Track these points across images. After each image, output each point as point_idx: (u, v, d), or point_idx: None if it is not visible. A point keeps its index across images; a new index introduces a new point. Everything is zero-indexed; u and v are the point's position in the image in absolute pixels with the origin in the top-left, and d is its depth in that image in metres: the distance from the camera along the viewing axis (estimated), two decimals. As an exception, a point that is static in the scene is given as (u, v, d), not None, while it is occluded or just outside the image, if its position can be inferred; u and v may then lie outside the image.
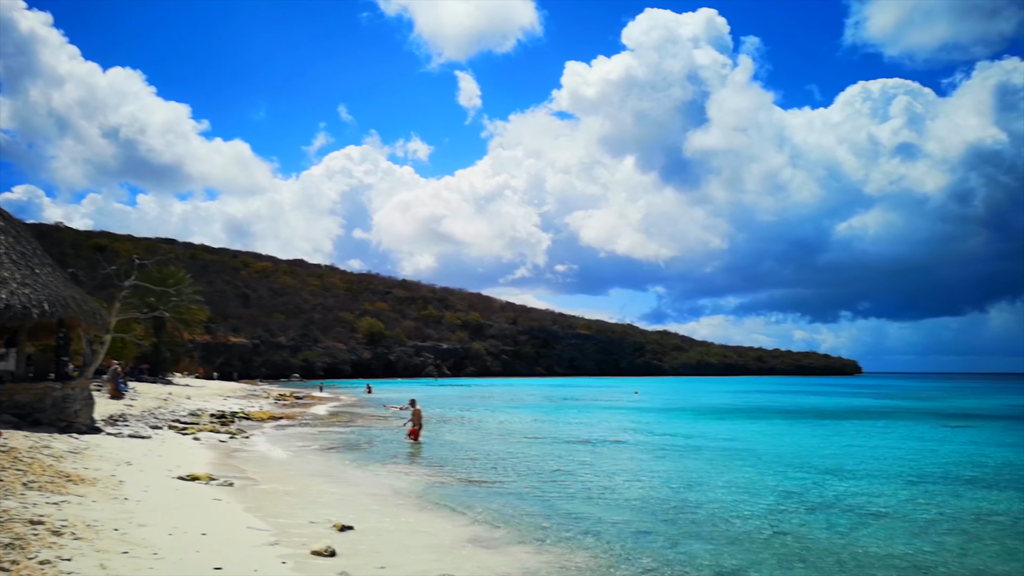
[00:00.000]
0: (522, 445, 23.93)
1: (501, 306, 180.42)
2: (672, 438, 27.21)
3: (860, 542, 10.93)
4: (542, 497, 14.28)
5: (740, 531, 11.54)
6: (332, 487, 14.73)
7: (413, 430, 23.51)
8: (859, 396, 73.02)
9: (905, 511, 13.46)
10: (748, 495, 14.93)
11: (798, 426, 34.45)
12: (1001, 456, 22.75)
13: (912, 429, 33.29)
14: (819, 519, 12.61)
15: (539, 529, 11.37)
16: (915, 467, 19.72)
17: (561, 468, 18.56)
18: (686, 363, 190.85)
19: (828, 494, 15.21)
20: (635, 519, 12.33)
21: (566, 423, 33.86)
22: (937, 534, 11.54)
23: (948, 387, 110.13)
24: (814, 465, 19.78)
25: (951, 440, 28.06)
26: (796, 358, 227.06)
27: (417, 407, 24.15)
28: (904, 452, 23.57)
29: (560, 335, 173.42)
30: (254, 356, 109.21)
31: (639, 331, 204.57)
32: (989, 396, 75.25)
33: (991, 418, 41.61)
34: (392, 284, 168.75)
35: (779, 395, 73.55)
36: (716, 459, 20.96)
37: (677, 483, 16.47)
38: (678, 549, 10.30)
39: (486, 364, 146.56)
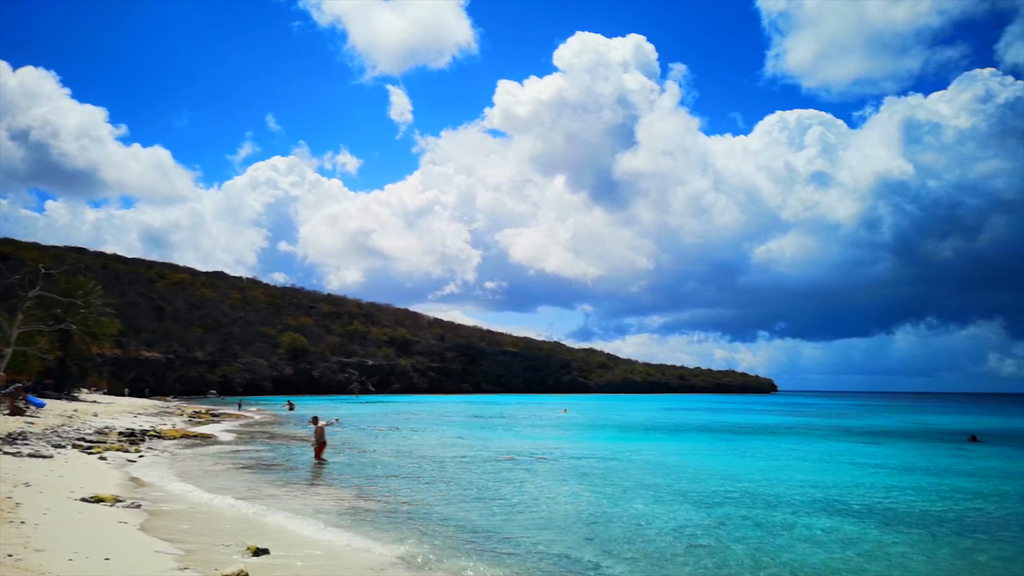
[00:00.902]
0: (447, 464, 23.76)
1: (429, 322, 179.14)
2: (596, 455, 27.54)
3: (773, 553, 11.31)
4: (466, 517, 14.21)
5: (658, 547, 11.77)
6: (247, 508, 14.27)
7: (319, 447, 22.92)
8: (774, 414, 75.74)
9: (815, 522, 14.01)
10: (667, 510, 15.25)
11: (716, 442, 35.44)
12: (902, 469, 24.00)
13: (823, 445, 34.76)
14: (734, 532, 13.00)
15: (463, 550, 11.30)
16: (825, 481, 20.57)
17: (486, 486, 18.52)
18: (611, 381, 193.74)
19: (744, 508, 15.68)
20: (557, 537, 12.41)
21: (492, 441, 33.82)
22: (844, 544, 12.07)
23: (856, 405, 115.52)
24: (731, 480, 20.39)
25: (859, 455, 29.43)
26: (716, 376, 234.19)
27: (320, 424, 23.56)
28: (814, 466, 24.57)
29: (488, 352, 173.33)
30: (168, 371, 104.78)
31: (566, 349, 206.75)
32: (893, 414, 79.39)
33: (895, 435, 43.90)
34: (317, 298, 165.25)
35: (699, 413, 75.51)
36: (637, 476, 21.32)
37: (599, 500, 16.66)
38: (600, 564, 10.43)
39: (412, 381, 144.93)
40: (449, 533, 12.47)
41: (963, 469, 24.88)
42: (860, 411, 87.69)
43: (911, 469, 24.69)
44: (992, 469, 25.08)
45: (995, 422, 61.60)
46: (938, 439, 40.31)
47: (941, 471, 24.16)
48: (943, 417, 71.41)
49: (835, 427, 51.83)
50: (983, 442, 36.80)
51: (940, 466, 25.91)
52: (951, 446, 35.21)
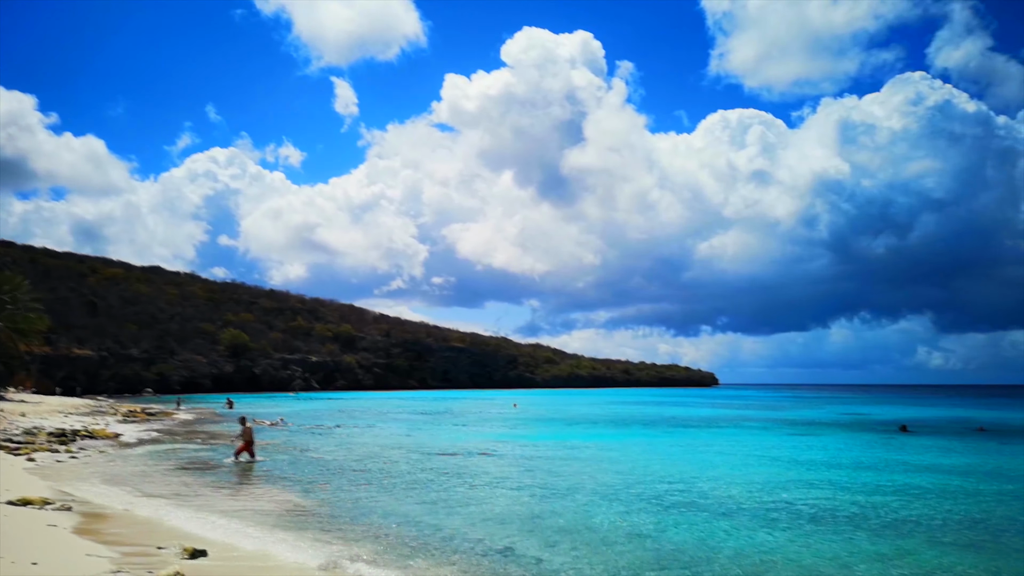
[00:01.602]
0: (392, 461, 23.57)
1: (374, 318, 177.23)
2: (542, 450, 27.72)
3: (713, 541, 11.58)
4: (410, 513, 14.12)
5: (601, 537, 11.93)
6: (184, 510, 13.89)
7: (243, 447, 22.30)
8: (714, 407, 77.53)
9: (753, 510, 14.39)
10: (610, 503, 15.45)
11: (658, 436, 36.08)
12: (837, 459, 24.88)
13: (761, 436, 35.78)
14: (675, 521, 13.26)
15: (406, 546, 11.24)
16: (763, 471, 21.17)
17: (430, 483, 18.44)
18: (557, 376, 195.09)
19: (685, 497, 16.00)
20: (502, 530, 12.45)
21: (438, 437, 33.69)
22: (781, 530, 12.43)
23: (793, 398, 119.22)
24: (672, 472, 20.77)
25: (795, 445, 30.36)
26: (660, 371, 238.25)
27: (248, 424, 22.94)
28: (753, 458, 25.25)
29: (434, 348, 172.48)
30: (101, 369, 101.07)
31: (513, 344, 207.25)
32: (828, 406, 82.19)
33: (830, 425, 45.47)
34: (259, 294, 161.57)
35: (642, 406, 76.71)
36: (581, 469, 21.53)
37: (543, 494, 16.77)
38: (542, 558, 10.50)
39: (358, 378, 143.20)
40: (392, 530, 12.38)
41: (895, 458, 25.90)
42: (796, 403, 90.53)
43: (845, 459, 25.60)
44: (922, 457, 26.16)
45: (923, 412, 64.37)
46: (871, 429, 41.92)
47: (874, 460, 25.13)
48: (875, 408, 74.26)
49: (773, 419, 53.36)
50: (913, 432, 38.41)
51: (873, 455, 26.95)
52: (883, 436, 36.65)
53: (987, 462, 24.80)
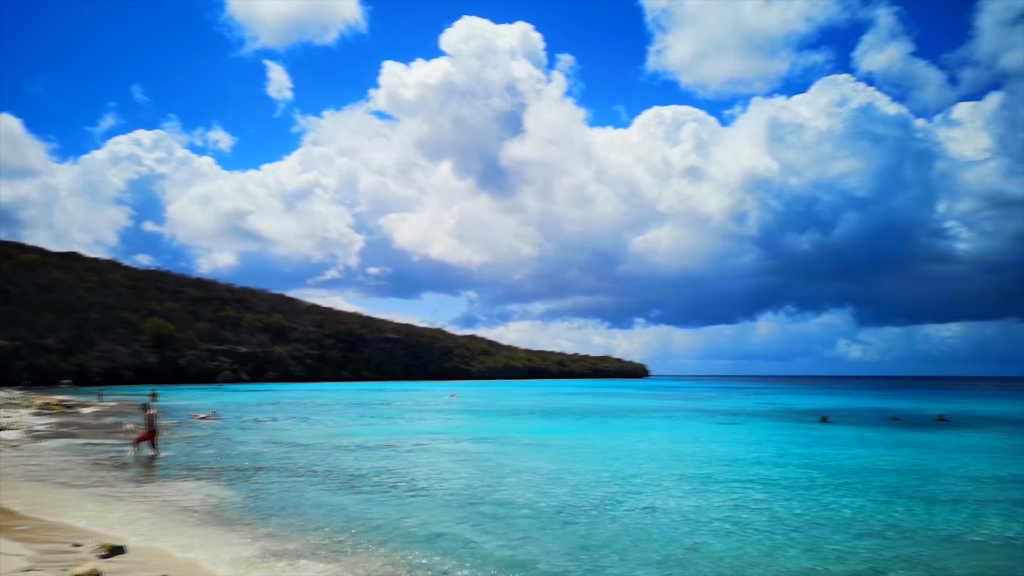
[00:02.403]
0: (323, 453, 23.15)
1: (307, 308, 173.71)
2: (477, 440, 27.71)
3: (640, 531, 11.79)
4: (341, 505, 13.90)
5: (532, 526, 12.00)
6: (102, 504, 13.31)
7: (144, 435, 21.44)
8: (646, 398, 79.15)
9: (681, 499, 14.74)
10: (543, 491, 15.57)
11: (591, 426, 36.58)
12: (763, 448, 25.74)
13: (690, 426, 36.72)
14: (606, 511, 13.45)
15: (335, 539, 11.05)
16: (691, 460, 21.72)
17: (364, 475, 18.20)
18: (493, 367, 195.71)
19: (615, 487, 16.28)
20: (433, 521, 12.38)
21: (374, 429, 33.30)
22: (707, 519, 12.76)
23: (721, 388, 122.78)
24: (603, 461, 21.10)
25: (722, 435, 31.28)
26: (593, 362, 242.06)
27: (151, 412, 22.08)
28: (682, 447, 25.88)
29: (368, 339, 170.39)
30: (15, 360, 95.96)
31: (448, 335, 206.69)
32: (754, 396, 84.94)
33: (755, 415, 47.02)
34: (185, 282, 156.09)
35: (576, 397, 77.68)
36: (515, 459, 21.64)
37: (476, 483, 16.78)
38: (472, 548, 10.49)
39: (289, 369, 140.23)
40: (321, 523, 12.16)
41: (816, 447, 26.95)
42: (724, 394, 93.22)
43: (770, 448, 26.51)
44: (841, 447, 27.29)
45: (843, 403, 67.20)
46: (794, 419, 43.48)
47: (798, 450, 26.09)
48: (798, 399, 77.09)
49: (701, 409, 54.83)
50: (833, 422, 40.01)
51: (797, 445, 27.95)
52: (806, 426, 38.06)
53: (901, 450, 26.05)
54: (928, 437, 31.11)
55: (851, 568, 9.68)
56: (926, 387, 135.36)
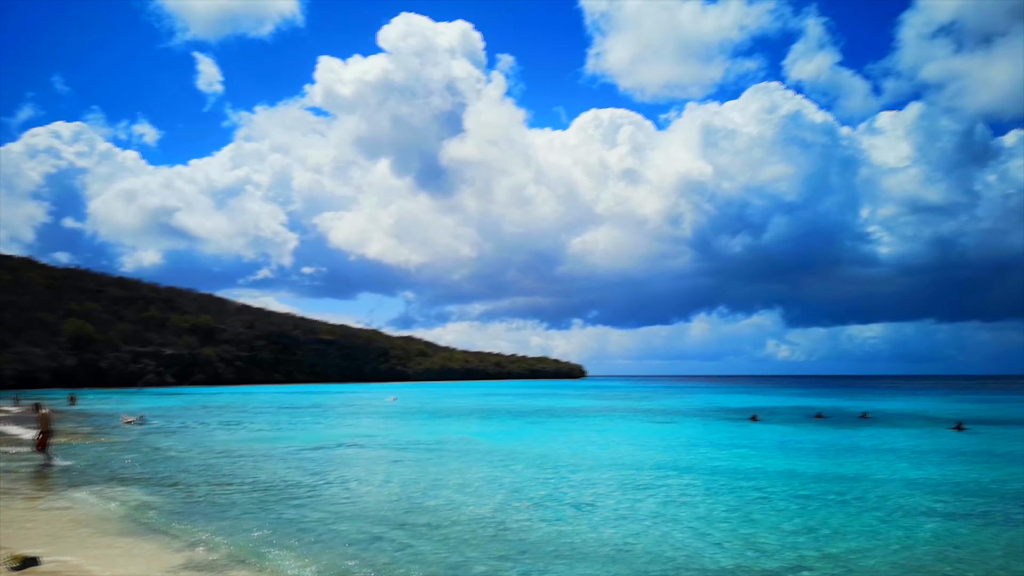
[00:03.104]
0: (254, 457, 22.45)
1: (237, 309, 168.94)
2: (412, 442, 27.38)
3: (575, 531, 11.80)
4: (270, 511, 13.45)
5: (468, 529, 11.85)
6: (12, 514, 12.50)
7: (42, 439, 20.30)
8: (582, 398, 79.93)
9: (616, 499, 14.85)
10: (480, 493, 15.45)
11: (527, 426, 36.66)
12: (696, 446, 26.25)
13: (625, 425, 37.20)
14: (541, 512, 13.43)
15: (264, 546, 10.65)
16: (625, 460, 21.95)
17: (293, 479, 17.70)
18: (430, 369, 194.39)
19: (551, 487, 16.29)
20: (367, 526, 12.09)
21: (308, 432, 32.51)
22: (640, 518, 12.87)
23: (655, 388, 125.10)
24: (539, 462, 21.13)
25: (657, 434, 31.76)
26: (531, 363, 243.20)
27: (44, 411, 20.87)
28: (617, 446, 26.17)
29: (302, 340, 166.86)
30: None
31: (384, 337, 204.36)
32: (687, 395, 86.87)
33: (688, 414, 48.02)
34: (107, 281, 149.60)
35: (515, 398, 77.81)
36: (451, 462, 21.45)
37: (412, 486, 16.54)
38: (407, 552, 10.27)
39: (218, 371, 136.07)
40: (249, 530, 11.73)
41: (746, 444, 27.65)
42: (659, 393, 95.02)
43: (702, 447, 27.07)
44: (769, 443, 28.07)
45: (771, 401, 69.29)
46: (725, 418, 44.58)
47: (729, 447, 26.72)
48: (729, 398, 79.18)
49: (636, 408, 55.77)
50: (762, 420, 41.16)
51: (728, 442, 28.63)
52: (736, 424, 39.05)
53: (826, 447, 26.96)
54: (852, 434, 32.30)
55: (777, 565, 9.88)
56: (850, 386, 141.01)
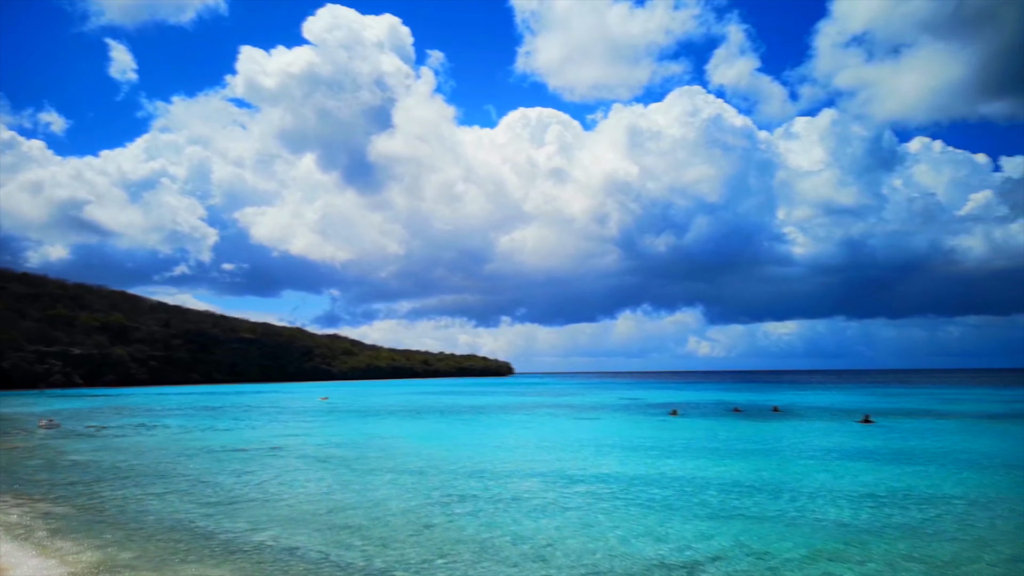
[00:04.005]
0: (171, 461, 21.63)
1: (151, 306, 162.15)
2: (338, 442, 26.90)
3: (500, 527, 11.84)
4: (186, 516, 12.99)
5: (391, 530, 11.74)
6: None
7: None
8: (510, 395, 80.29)
9: (541, 494, 14.97)
10: (405, 492, 15.32)
11: (455, 424, 36.58)
12: (618, 440, 26.72)
13: (551, 422, 37.58)
14: (466, 508, 13.41)
15: (178, 551, 10.28)
16: (551, 455, 22.16)
17: (210, 483, 17.14)
18: (356, 367, 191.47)
19: (475, 485, 16.29)
20: (287, 528, 11.82)
21: (231, 434, 31.48)
22: (564, 512, 13.02)
23: (582, 385, 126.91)
24: (464, 459, 21.11)
25: (580, 430, 32.20)
26: (459, 361, 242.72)
27: None
28: (543, 442, 26.39)
29: (221, 339, 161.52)
30: None
31: (308, 335, 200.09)
32: (611, 391, 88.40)
33: (612, 409, 48.91)
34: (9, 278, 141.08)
35: (443, 396, 77.48)
36: (376, 460, 21.18)
37: (334, 488, 16.25)
38: (329, 556, 10.09)
39: (130, 372, 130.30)
40: (163, 535, 11.31)
41: (666, 437, 28.35)
42: (584, 389, 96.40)
43: (625, 441, 27.59)
44: (689, 438, 28.86)
45: (691, 396, 71.30)
46: (648, 412, 45.63)
47: (649, 441, 27.32)
48: (652, 393, 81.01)
49: (563, 404, 56.44)
50: (682, 415, 42.35)
51: (648, 436, 29.29)
52: (657, 418, 40.05)
53: (741, 439, 27.91)
54: (765, 427, 33.58)
55: (694, 553, 10.18)
56: (765, 380, 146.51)
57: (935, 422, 36.11)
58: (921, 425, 34.32)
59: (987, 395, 68.55)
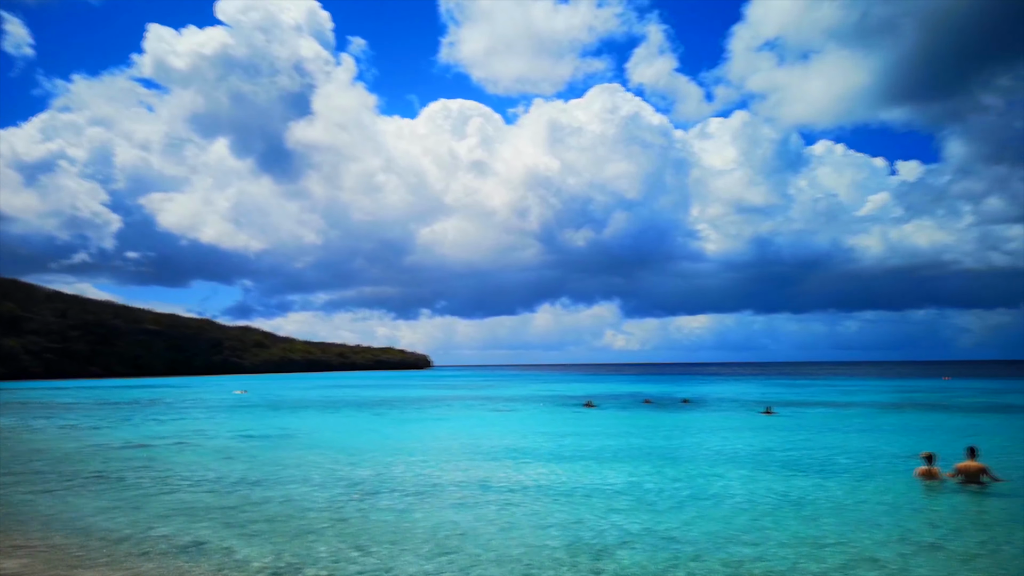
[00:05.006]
0: (64, 459, 20.49)
1: (47, 296, 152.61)
2: (246, 435, 26.13)
3: (414, 520, 11.79)
4: (82, 515, 12.36)
5: (302, 525, 11.51)
6: None
7: None
8: (426, 388, 79.98)
9: (456, 486, 15.00)
10: (315, 487, 15.04)
11: (368, 418, 36.16)
12: (534, 431, 27.05)
13: (467, 414, 37.70)
14: (380, 504, 13.29)
15: (70, 553, 9.77)
16: (466, 447, 22.25)
17: (108, 479, 16.35)
18: (268, 360, 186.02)
19: (391, 478, 16.17)
20: (190, 526, 11.40)
21: (126, 429, 30.04)
22: (479, 504, 13.09)
23: (500, 377, 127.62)
24: (380, 452, 20.95)
25: (497, 422, 32.44)
26: (376, 354, 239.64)
27: None
28: (458, 435, 26.45)
29: (123, 330, 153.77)
30: None
31: (218, 327, 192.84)
32: (529, 384, 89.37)
33: (529, 400, 49.45)
34: None
35: (358, 389, 76.36)
36: (287, 455, 20.71)
37: (244, 483, 15.78)
38: (234, 555, 9.80)
39: (23, 364, 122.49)
40: (56, 537, 10.71)
41: (580, 428, 28.90)
42: (502, 382, 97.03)
43: (540, 432, 27.96)
44: (602, 429, 29.50)
45: (606, 388, 72.89)
46: (563, 404, 46.38)
47: (563, 433, 27.79)
48: (568, 385, 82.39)
49: (479, 397, 56.68)
50: (597, 406, 43.25)
51: (563, 428, 29.81)
52: (572, 410, 40.77)
53: (651, 430, 28.76)
54: (675, 417, 34.73)
55: (606, 541, 10.41)
56: (676, 373, 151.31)
57: (832, 411, 38.20)
58: (819, 414, 36.20)
59: (881, 386, 73.03)
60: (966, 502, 13.34)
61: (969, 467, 14.81)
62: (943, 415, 35.50)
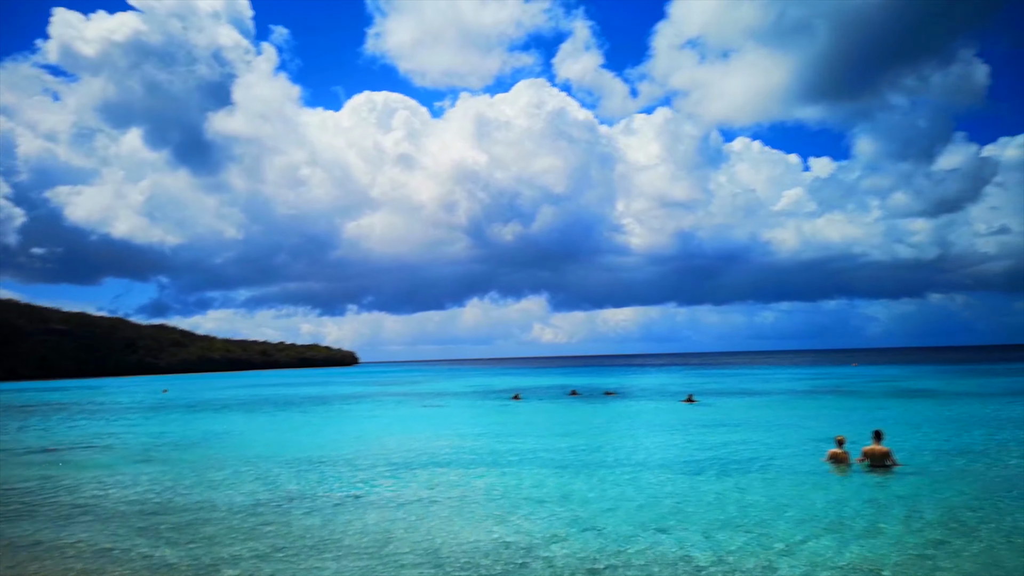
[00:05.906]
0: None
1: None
2: (165, 438, 25.20)
3: (338, 521, 11.67)
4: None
5: (221, 528, 11.23)
6: None
7: None
8: (352, 384, 78.89)
9: (381, 485, 14.91)
10: (236, 489, 14.69)
11: (292, 416, 35.41)
12: (463, 424, 27.09)
13: (394, 410, 37.40)
14: (304, 503, 13.08)
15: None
16: (393, 444, 22.09)
17: (12, 486, 15.48)
18: (186, 360, 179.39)
19: (314, 477, 15.93)
20: (103, 530, 10.95)
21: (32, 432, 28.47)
22: (404, 502, 13.05)
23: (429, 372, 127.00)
24: (303, 451, 20.57)
25: (424, 417, 32.31)
26: (300, 351, 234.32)
27: None
28: (383, 431, 26.24)
29: (28, 330, 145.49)
30: None
31: (131, 325, 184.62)
32: (458, 378, 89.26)
33: (457, 395, 49.47)
34: None
35: (281, 388, 74.64)
36: (205, 456, 20.11)
37: (159, 487, 15.25)
38: (152, 560, 9.48)
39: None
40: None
41: (507, 422, 29.12)
42: (431, 377, 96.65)
43: (468, 426, 28.05)
44: (529, 421, 29.81)
45: (533, 381, 73.56)
46: (491, 398, 46.59)
47: (491, 426, 27.96)
48: (496, 379, 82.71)
49: (407, 393, 56.35)
50: (524, 398, 43.64)
51: (490, 421, 29.98)
52: (500, 403, 41.01)
53: (576, 420, 29.25)
54: (599, 408, 35.40)
55: (532, 535, 10.57)
56: (603, 365, 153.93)
57: (749, 399, 39.68)
58: (737, 402, 37.55)
59: (795, 373, 76.27)
60: (869, 484, 14.15)
61: (875, 451, 15.71)
62: (852, 400, 37.41)
